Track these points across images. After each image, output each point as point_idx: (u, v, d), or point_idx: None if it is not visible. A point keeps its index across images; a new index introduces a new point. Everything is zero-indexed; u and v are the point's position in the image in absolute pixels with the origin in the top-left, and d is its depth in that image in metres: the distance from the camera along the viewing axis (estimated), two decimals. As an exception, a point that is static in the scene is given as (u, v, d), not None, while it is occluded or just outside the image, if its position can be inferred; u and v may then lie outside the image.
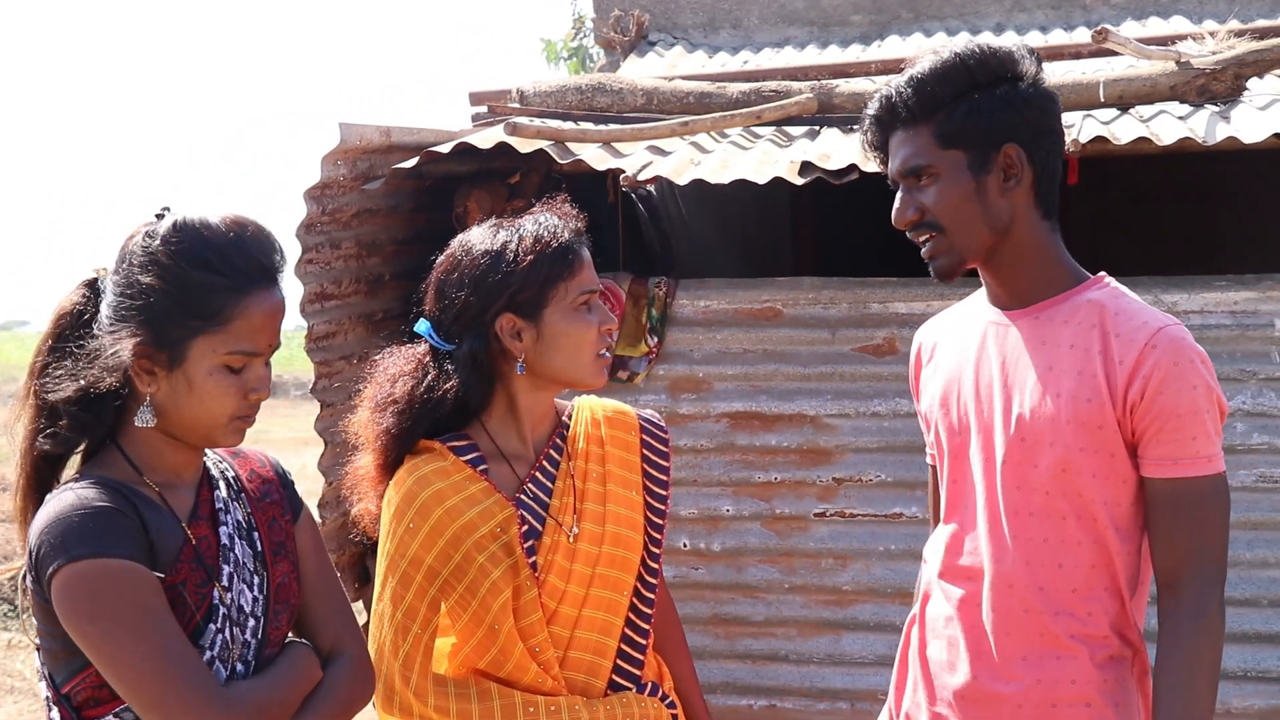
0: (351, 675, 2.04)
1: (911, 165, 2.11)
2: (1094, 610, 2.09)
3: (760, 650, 4.55)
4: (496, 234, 2.22)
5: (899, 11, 6.92)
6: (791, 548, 4.50)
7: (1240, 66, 4.56)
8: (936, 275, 2.17)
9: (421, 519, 2.15)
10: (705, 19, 7.00)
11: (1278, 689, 4.19)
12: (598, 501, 2.26)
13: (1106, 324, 2.07)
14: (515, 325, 2.18)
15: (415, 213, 4.69)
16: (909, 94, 2.09)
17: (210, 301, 1.85)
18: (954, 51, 2.09)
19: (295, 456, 11.76)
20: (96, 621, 1.78)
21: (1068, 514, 2.08)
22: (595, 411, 2.36)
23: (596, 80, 5.24)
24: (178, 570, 1.88)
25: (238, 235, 1.89)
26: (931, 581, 2.27)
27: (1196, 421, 2.02)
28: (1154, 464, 2.04)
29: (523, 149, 4.30)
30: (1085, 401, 2.05)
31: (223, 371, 1.88)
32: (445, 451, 2.21)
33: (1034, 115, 2.09)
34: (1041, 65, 2.14)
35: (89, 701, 1.86)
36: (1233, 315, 4.27)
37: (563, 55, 12.79)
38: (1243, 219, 8.09)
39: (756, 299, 4.55)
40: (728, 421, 4.55)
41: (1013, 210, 2.10)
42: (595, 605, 2.23)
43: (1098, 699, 2.08)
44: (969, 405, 2.19)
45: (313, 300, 4.29)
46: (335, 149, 4.08)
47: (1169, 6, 6.59)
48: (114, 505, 1.82)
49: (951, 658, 2.19)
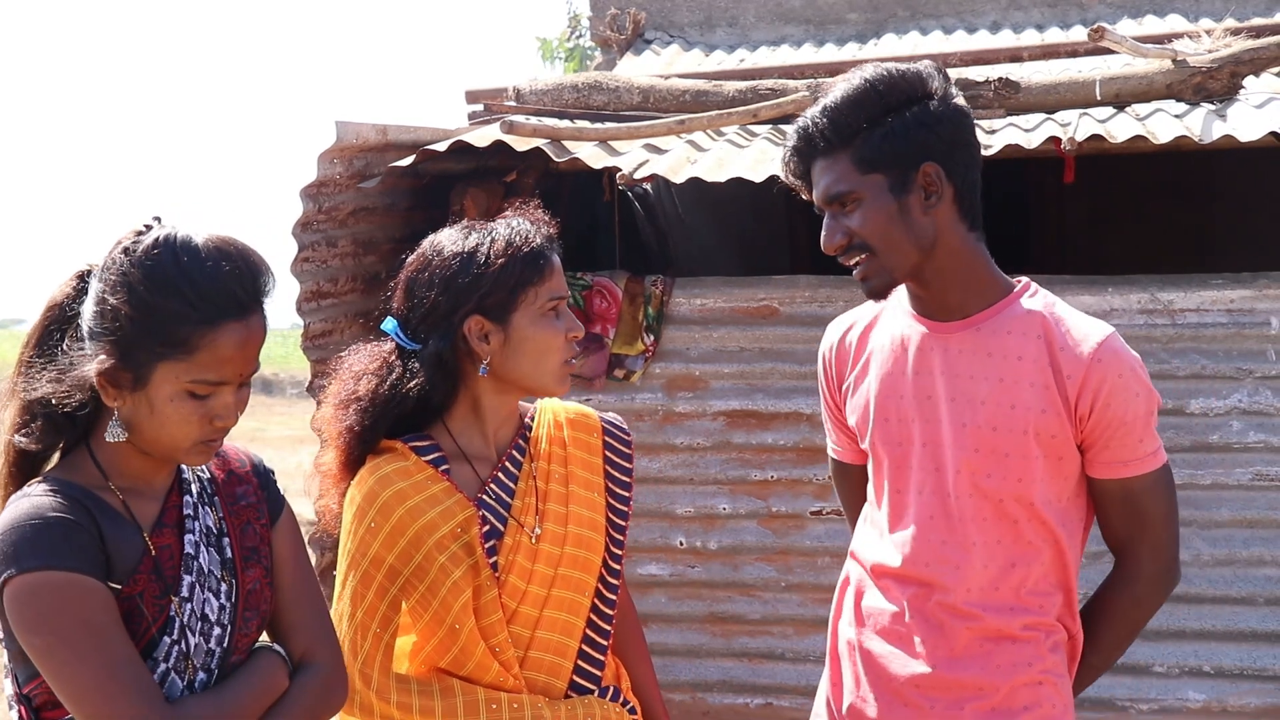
0: (318, 685, 2.00)
1: (834, 192, 2.15)
2: (1044, 604, 2.21)
3: (757, 648, 4.55)
4: (468, 236, 2.22)
5: (895, 10, 6.92)
6: (788, 546, 4.50)
7: (1236, 65, 4.57)
8: (869, 296, 2.23)
9: (383, 518, 2.15)
10: (702, 17, 7.00)
11: (1273, 687, 4.19)
12: (560, 503, 2.27)
13: (1050, 335, 2.15)
14: (483, 328, 2.18)
15: (411, 211, 4.69)
16: (824, 124, 2.14)
17: (177, 330, 1.81)
18: (864, 77, 2.14)
19: (291, 455, 11.76)
20: (42, 635, 1.77)
21: (1019, 517, 2.18)
22: (558, 414, 2.37)
23: (593, 79, 5.23)
24: (135, 581, 1.85)
25: (215, 264, 1.83)
26: (864, 579, 2.32)
27: (1141, 425, 2.15)
28: (1104, 467, 2.18)
29: (519, 147, 4.30)
30: (1041, 413, 2.14)
31: (184, 398, 1.83)
32: (407, 451, 2.21)
33: (948, 132, 2.13)
34: (950, 81, 2.19)
35: (47, 704, 1.84)
36: (1229, 313, 4.27)
37: (558, 54, 12.79)
38: (1239, 217, 8.09)
39: (753, 297, 4.55)
40: (724, 420, 4.55)
41: (936, 227, 2.14)
42: (557, 606, 2.23)
43: (1048, 677, 2.20)
44: (911, 417, 2.23)
45: (309, 298, 4.28)
46: (332, 147, 4.07)
47: (1165, 5, 6.59)
48: (69, 516, 1.80)
49: (902, 650, 2.24)
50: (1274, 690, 4.19)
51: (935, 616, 2.21)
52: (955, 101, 2.17)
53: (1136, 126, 4.24)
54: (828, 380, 2.42)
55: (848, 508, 2.56)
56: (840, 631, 2.37)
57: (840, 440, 2.49)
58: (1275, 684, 4.19)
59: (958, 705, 2.20)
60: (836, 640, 2.38)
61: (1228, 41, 4.72)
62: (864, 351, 2.33)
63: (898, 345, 2.26)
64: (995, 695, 2.18)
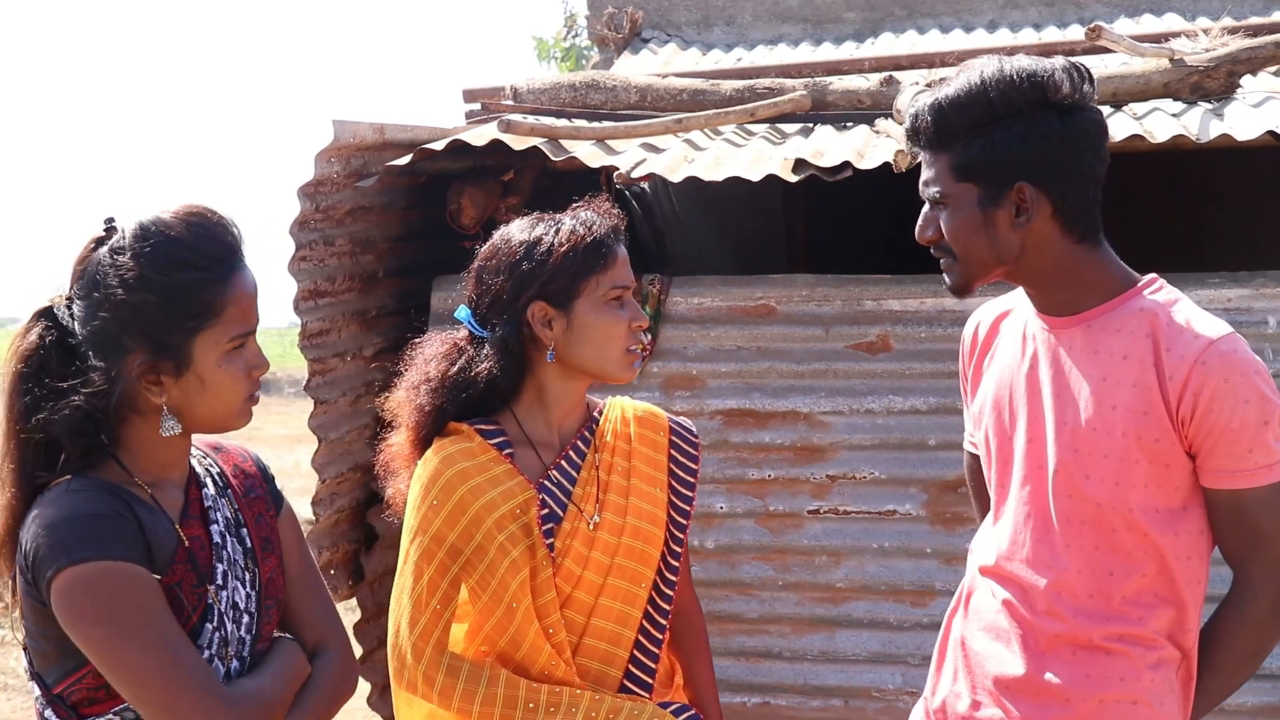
0: (338, 669, 2.06)
1: (930, 191, 2.13)
2: (1145, 615, 2.11)
3: (754, 647, 4.54)
4: (536, 226, 2.30)
5: (892, 9, 6.91)
6: (785, 545, 4.50)
7: (1234, 64, 4.57)
8: (950, 291, 2.21)
9: (445, 496, 2.20)
10: (699, 16, 7.00)
11: (1270, 685, 4.19)
12: (620, 494, 2.32)
13: (1158, 335, 2.07)
14: (546, 314, 2.25)
15: (409, 210, 4.69)
16: (929, 121, 2.10)
17: (200, 298, 1.86)
18: (981, 77, 2.06)
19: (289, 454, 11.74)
20: (100, 624, 1.78)
21: (1118, 525, 2.10)
22: (626, 410, 2.43)
23: (590, 77, 5.24)
24: (173, 571, 1.88)
25: (198, 227, 1.89)
26: (976, 577, 2.29)
27: (1251, 434, 2.03)
28: (1211, 476, 2.08)
29: (516, 146, 4.30)
30: (1143, 414, 2.06)
31: (228, 359, 1.90)
32: (473, 434, 2.27)
33: (1055, 148, 2.04)
34: (1083, 85, 2.06)
35: (85, 701, 1.85)
36: (1226, 313, 4.26)
37: (555, 53, 12.79)
38: (1236, 216, 8.09)
39: (750, 296, 4.55)
40: (721, 419, 4.55)
41: (1024, 243, 2.10)
42: (612, 595, 2.27)
43: (1144, 697, 2.11)
44: (1020, 412, 2.19)
45: (306, 297, 4.28)
46: (329, 146, 4.07)
47: (1162, 4, 6.59)
48: (111, 508, 1.82)
49: (999, 650, 2.20)
50: (1270, 689, 4.19)
51: (1029, 617, 2.16)
52: (1080, 113, 2.06)
53: (1133, 125, 4.24)
54: (963, 368, 2.40)
55: (976, 503, 2.51)
56: (951, 627, 2.34)
57: (970, 433, 2.42)
58: (1272, 682, 4.19)
59: (1041, 710, 2.14)
60: (947, 635, 2.35)
61: (1225, 41, 4.73)
62: (993, 342, 2.30)
63: (1019, 338, 2.23)
64: (1082, 706, 2.11)
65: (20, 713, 6.27)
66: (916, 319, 4.39)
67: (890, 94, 4.69)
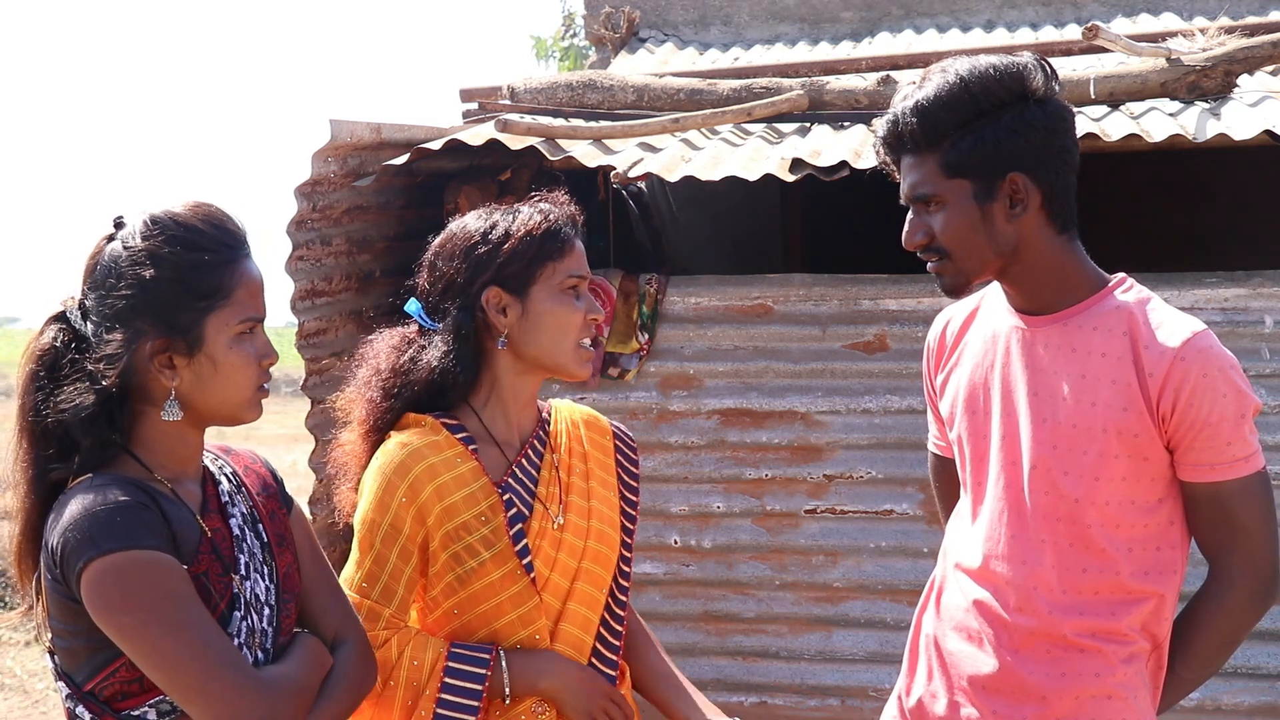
0: (360, 661, 2.07)
1: (919, 193, 2.12)
2: (1118, 610, 2.12)
3: (751, 647, 4.55)
4: (492, 214, 2.26)
5: (889, 8, 6.91)
6: (782, 544, 4.50)
7: (1230, 63, 4.57)
8: (945, 293, 2.21)
9: (413, 494, 2.16)
10: (696, 16, 7.00)
11: (1266, 685, 4.20)
12: (582, 496, 2.29)
13: (1136, 332, 2.09)
14: (501, 299, 2.20)
15: (406, 209, 4.69)
16: (914, 123, 2.09)
17: (211, 278, 1.89)
18: (959, 74, 2.07)
19: (286, 454, 11.74)
20: (131, 613, 1.79)
21: (1093, 520, 2.11)
22: (572, 413, 2.39)
23: (587, 77, 5.24)
24: (199, 560, 1.89)
25: (206, 217, 1.93)
26: (949, 573, 2.29)
27: (1229, 428, 2.07)
28: (1191, 469, 2.10)
29: (513, 146, 4.30)
30: (1122, 410, 2.08)
31: (239, 341, 1.91)
32: (438, 426, 2.22)
33: (1040, 138, 2.07)
34: (1053, 78, 2.10)
35: (119, 695, 1.86)
36: (1223, 312, 4.27)
37: (553, 53, 12.78)
38: (1233, 216, 8.10)
39: (747, 296, 4.55)
40: (718, 418, 4.55)
41: (1019, 234, 2.11)
42: (579, 599, 2.24)
43: (1118, 691, 2.13)
44: (994, 410, 2.20)
45: (303, 297, 4.28)
46: (326, 145, 4.07)
47: (1159, 3, 6.59)
48: (136, 499, 1.83)
49: (972, 650, 2.20)
50: (1267, 688, 4.19)
51: (1001, 614, 2.17)
52: (1055, 102, 2.09)
53: (1131, 125, 4.24)
54: (928, 370, 2.40)
55: (941, 504, 2.53)
56: (922, 625, 2.34)
57: (941, 433, 2.44)
58: (1268, 682, 4.19)
59: (1018, 708, 2.15)
60: (918, 633, 2.35)
61: (1222, 40, 4.73)
62: (961, 343, 2.31)
63: (990, 338, 2.23)
64: (1059, 704, 2.13)
65: (16, 712, 6.26)
66: (913, 318, 4.39)
67: (887, 94, 4.69)
